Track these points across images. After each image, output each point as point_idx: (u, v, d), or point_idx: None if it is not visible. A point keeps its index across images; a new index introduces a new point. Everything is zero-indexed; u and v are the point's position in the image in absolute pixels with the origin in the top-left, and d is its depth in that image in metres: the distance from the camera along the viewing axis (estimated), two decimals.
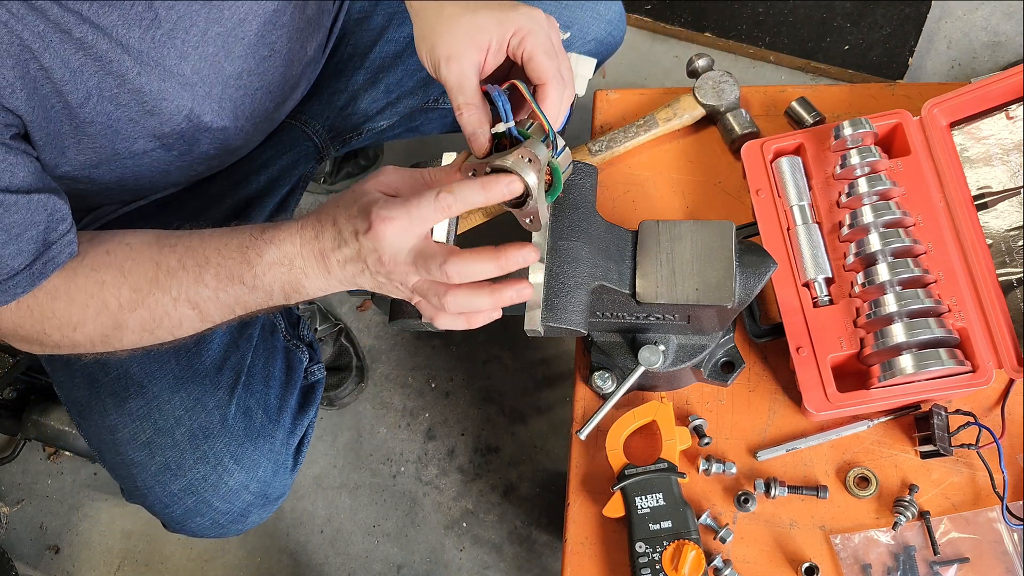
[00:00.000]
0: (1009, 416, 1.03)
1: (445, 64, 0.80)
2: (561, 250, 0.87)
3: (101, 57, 0.81)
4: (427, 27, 0.82)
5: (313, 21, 1.08)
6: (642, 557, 0.97)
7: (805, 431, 1.06)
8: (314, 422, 1.17)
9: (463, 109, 0.80)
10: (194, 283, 0.82)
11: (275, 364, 1.11)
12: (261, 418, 1.06)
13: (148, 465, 1.02)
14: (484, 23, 0.80)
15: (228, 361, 1.06)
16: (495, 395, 1.68)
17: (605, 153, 1.22)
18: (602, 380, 1.04)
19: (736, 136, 1.19)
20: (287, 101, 1.13)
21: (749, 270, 0.89)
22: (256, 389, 1.08)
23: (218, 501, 1.04)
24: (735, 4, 1.84)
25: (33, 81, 0.78)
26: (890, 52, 1.76)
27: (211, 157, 1.05)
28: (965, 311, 1.00)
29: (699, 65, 1.24)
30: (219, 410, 1.03)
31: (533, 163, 0.76)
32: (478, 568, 1.57)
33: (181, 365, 1.03)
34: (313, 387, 1.17)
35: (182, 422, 1.02)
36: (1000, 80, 1.07)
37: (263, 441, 1.06)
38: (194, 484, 1.02)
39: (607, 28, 1.25)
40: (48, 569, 1.66)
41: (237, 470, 1.04)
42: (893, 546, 0.99)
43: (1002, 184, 1.08)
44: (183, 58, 0.88)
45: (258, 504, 1.08)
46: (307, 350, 1.18)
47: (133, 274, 0.83)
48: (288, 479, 1.11)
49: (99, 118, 0.85)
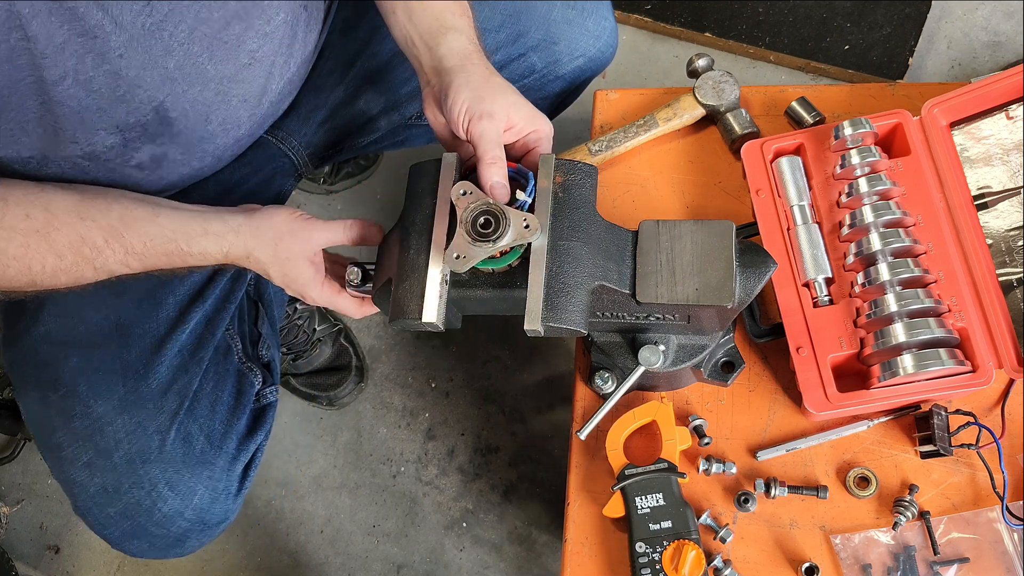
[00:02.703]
0: (1009, 416, 1.03)
1: (487, 119, 0.88)
2: (561, 250, 0.87)
3: (88, 31, 0.80)
4: (474, 84, 0.90)
5: (301, 37, 1.07)
6: (642, 557, 0.97)
7: (805, 431, 1.06)
8: (263, 445, 1.14)
9: (494, 162, 0.87)
10: (119, 264, 0.90)
11: (224, 388, 1.10)
12: (202, 444, 1.05)
13: (87, 486, 1.01)
14: (523, 107, 0.92)
15: (175, 385, 1.04)
16: (495, 395, 1.68)
17: (605, 153, 1.22)
18: (602, 380, 1.04)
19: (736, 136, 1.19)
20: (266, 116, 1.11)
21: (749, 270, 0.89)
22: (200, 414, 1.06)
23: (152, 526, 1.03)
24: (735, 4, 1.84)
25: (10, 51, 0.77)
26: (890, 52, 1.76)
27: (178, 163, 1.03)
28: (965, 311, 1.00)
29: (699, 65, 1.24)
30: (159, 435, 1.02)
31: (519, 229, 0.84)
32: (478, 568, 1.57)
33: (127, 387, 1.02)
34: (264, 410, 1.15)
35: (121, 445, 1.01)
36: (1000, 80, 1.07)
37: (201, 468, 1.04)
38: (129, 509, 1.01)
39: (596, 45, 1.24)
40: (48, 569, 1.66)
41: (171, 497, 1.02)
42: (893, 546, 0.99)
43: (1002, 184, 1.08)
44: (168, 52, 0.88)
45: (196, 530, 1.06)
46: (262, 372, 1.16)
47: (58, 244, 0.88)
48: (231, 504, 1.09)
49: (69, 101, 0.85)
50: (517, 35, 1.19)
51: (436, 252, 0.87)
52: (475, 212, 0.85)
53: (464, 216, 0.85)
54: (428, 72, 0.95)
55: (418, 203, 0.92)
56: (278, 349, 1.23)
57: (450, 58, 0.93)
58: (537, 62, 1.21)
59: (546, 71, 1.23)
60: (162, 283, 1.06)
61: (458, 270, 0.85)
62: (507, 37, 1.18)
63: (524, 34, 1.19)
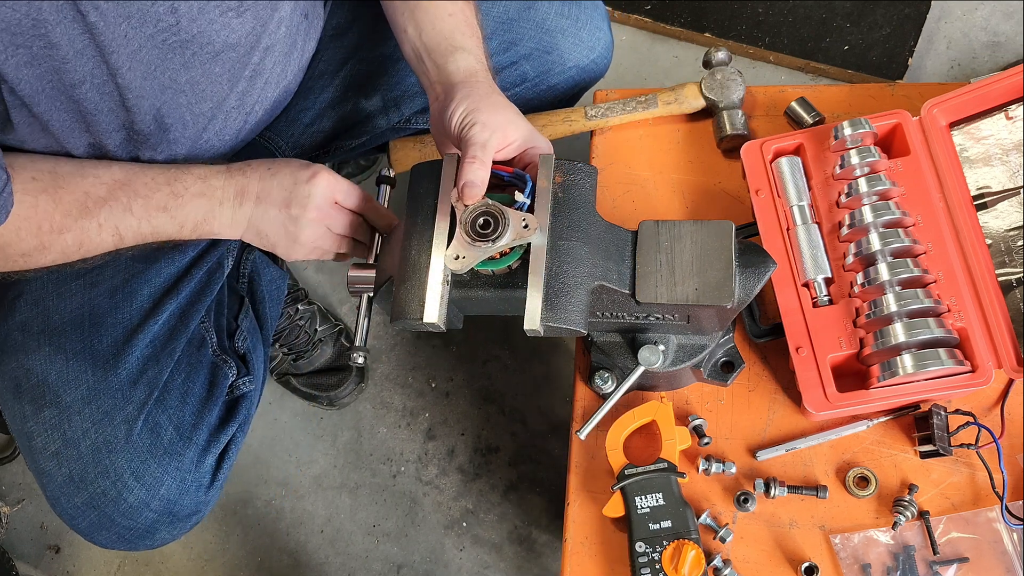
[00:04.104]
0: (1008, 416, 1.03)
1: (480, 127, 0.88)
2: (561, 250, 0.87)
3: (104, 46, 0.82)
4: (475, 98, 0.91)
5: (300, 46, 1.08)
6: (642, 557, 0.97)
7: (805, 431, 1.06)
8: (240, 437, 1.13)
9: (476, 162, 0.86)
10: (122, 212, 0.92)
11: (196, 380, 1.09)
12: (170, 435, 1.04)
13: (55, 476, 1.01)
14: (522, 126, 0.93)
15: (145, 375, 1.04)
16: (495, 395, 1.68)
17: (600, 120, 1.23)
18: (602, 380, 1.05)
19: (725, 135, 1.19)
20: (260, 123, 1.12)
21: (749, 270, 0.89)
22: (170, 405, 1.06)
23: (119, 517, 1.03)
24: (735, 4, 1.84)
25: (33, 57, 0.80)
26: (890, 52, 1.76)
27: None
28: (965, 311, 1.00)
29: (715, 57, 1.24)
30: (125, 424, 1.02)
31: (518, 230, 0.85)
32: (478, 568, 1.58)
33: (97, 377, 1.02)
34: (238, 401, 1.14)
35: (88, 434, 1.01)
36: (1000, 80, 1.07)
37: (168, 459, 1.04)
38: (95, 498, 1.01)
39: (590, 56, 1.25)
40: (48, 569, 1.66)
41: (137, 487, 1.02)
42: (893, 546, 0.99)
43: (1002, 184, 1.08)
44: (186, 67, 0.90)
45: (164, 522, 1.06)
46: (236, 363, 1.15)
47: (64, 201, 0.90)
48: (203, 496, 1.08)
49: (87, 103, 0.88)
50: (510, 43, 1.20)
51: (437, 253, 0.87)
52: (474, 213, 0.85)
53: (464, 217, 0.85)
54: (435, 87, 0.97)
55: (420, 204, 0.92)
56: (266, 344, 1.23)
57: (457, 75, 0.95)
58: (529, 71, 1.22)
59: (538, 80, 1.23)
60: (137, 273, 1.06)
61: (458, 271, 0.85)
62: (499, 45, 1.19)
63: (517, 43, 1.20)
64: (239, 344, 1.17)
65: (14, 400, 1.03)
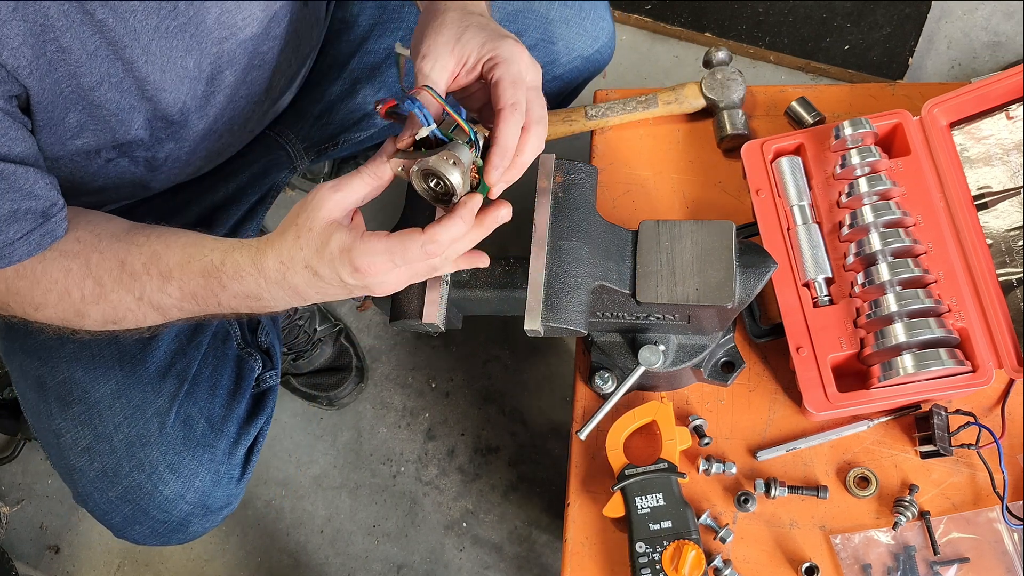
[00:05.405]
0: (1009, 416, 1.03)
1: (421, 59, 0.82)
2: (561, 250, 0.87)
3: (116, 42, 0.81)
4: (423, 23, 0.85)
5: (304, 35, 1.08)
6: (642, 557, 0.97)
7: (805, 431, 1.06)
8: (266, 430, 1.14)
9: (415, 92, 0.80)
10: (158, 292, 0.84)
11: (224, 372, 1.10)
12: (202, 427, 1.05)
13: (87, 471, 1.01)
14: (469, 40, 0.82)
15: (173, 368, 1.05)
16: (495, 395, 1.68)
17: (600, 120, 1.23)
18: (602, 380, 1.04)
19: (725, 135, 1.19)
20: (268, 112, 1.12)
21: (749, 270, 0.89)
22: (200, 397, 1.06)
23: (154, 510, 1.03)
24: (735, 4, 1.84)
25: (49, 63, 0.78)
26: (890, 52, 1.76)
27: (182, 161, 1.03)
28: (965, 311, 1.00)
29: (715, 57, 1.24)
30: (157, 418, 1.02)
31: (457, 164, 0.76)
32: (478, 568, 1.57)
33: (125, 371, 1.02)
34: (265, 394, 1.15)
35: (120, 429, 1.01)
36: (1000, 80, 1.07)
37: (202, 451, 1.04)
38: (130, 492, 1.02)
39: (594, 45, 1.25)
40: (48, 569, 1.66)
41: (172, 479, 1.02)
42: (893, 546, 0.99)
43: (1002, 184, 1.08)
44: (188, 52, 0.89)
45: (198, 515, 1.06)
46: (262, 357, 1.16)
47: (98, 268, 0.84)
48: (234, 489, 1.09)
49: (108, 104, 0.86)
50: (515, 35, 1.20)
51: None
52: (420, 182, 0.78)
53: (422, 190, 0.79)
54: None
55: (419, 203, 0.92)
56: (278, 338, 1.23)
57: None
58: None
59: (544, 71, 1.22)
60: None
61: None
62: None
63: (522, 34, 1.20)
64: (262, 339, 1.18)
65: (39, 399, 1.03)
